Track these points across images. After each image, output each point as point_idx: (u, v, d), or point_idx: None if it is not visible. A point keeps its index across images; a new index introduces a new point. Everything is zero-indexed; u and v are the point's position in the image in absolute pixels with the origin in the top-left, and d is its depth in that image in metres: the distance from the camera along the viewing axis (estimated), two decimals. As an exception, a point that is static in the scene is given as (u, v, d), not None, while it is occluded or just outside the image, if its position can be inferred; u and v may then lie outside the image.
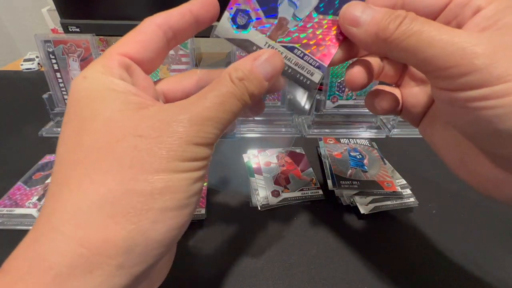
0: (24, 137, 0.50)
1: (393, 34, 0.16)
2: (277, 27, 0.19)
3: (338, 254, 0.32)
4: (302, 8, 0.19)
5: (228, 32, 0.19)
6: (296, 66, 0.19)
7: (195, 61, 0.49)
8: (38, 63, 0.77)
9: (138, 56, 0.17)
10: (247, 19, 0.19)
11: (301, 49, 0.19)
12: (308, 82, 0.20)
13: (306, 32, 0.19)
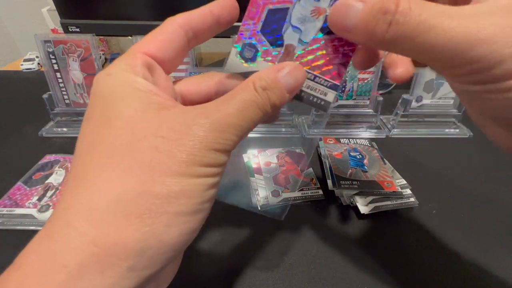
0: (24, 137, 0.50)
1: (384, 39, 0.14)
2: (285, 54, 0.19)
3: (338, 254, 0.32)
4: (307, 32, 0.19)
5: (238, 66, 0.19)
6: (308, 89, 0.19)
7: (195, 61, 0.49)
8: (38, 63, 0.77)
9: (160, 55, 0.17)
10: (254, 52, 0.19)
11: (311, 72, 0.19)
12: (323, 102, 0.20)
13: (314, 54, 0.19)
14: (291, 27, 0.19)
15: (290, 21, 0.19)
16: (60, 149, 0.47)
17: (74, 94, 0.50)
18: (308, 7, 0.18)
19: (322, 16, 0.18)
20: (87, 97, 0.50)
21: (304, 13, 0.18)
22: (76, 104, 0.51)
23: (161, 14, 0.57)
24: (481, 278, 0.30)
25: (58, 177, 0.41)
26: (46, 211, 0.35)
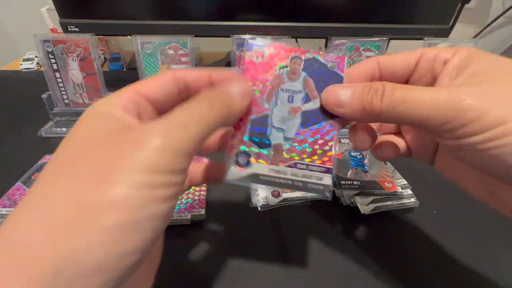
0: (23, 137, 0.50)
1: (381, 107, 0.17)
2: (275, 153, 0.21)
3: (339, 254, 0.32)
4: (290, 129, 0.21)
5: (237, 174, 0.21)
6: (304, 177, 0.21)
7: (195, 61, 0.49)
8: (37, 63, 0.77)
9: (149, 95, 0.19)
10: (247, 157, 0.21)
11: (302, 162, 0.21)
12: (321, 187, 0.21)
13: (301, 145, 0.21)
14: (274, 129, 0.21)
15: (272, 124, 0.21)
16: (60, 149, 0.46)
17: (73, 94, 0.50)
18: (285, 109, 0.21)
19: (298, 113, 0.21)
20: (86, 97, 0.50)
21: (282, 114, 0.21)
22: (75, 104, 0.50)
23: (160, 14, 0.57)
24: (482, 278, 0.30)
25: (57, 177, 0.41)
26: (45, 212, 0.35)
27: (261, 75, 0.21)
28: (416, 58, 0.20)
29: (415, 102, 0.16)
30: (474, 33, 0.87)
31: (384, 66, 0.21)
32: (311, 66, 0.21)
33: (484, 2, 0.84)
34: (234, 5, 0.56)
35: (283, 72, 0.21)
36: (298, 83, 0.21)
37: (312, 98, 0.21)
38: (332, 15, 0.57)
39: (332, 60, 0.21)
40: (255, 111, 0.21)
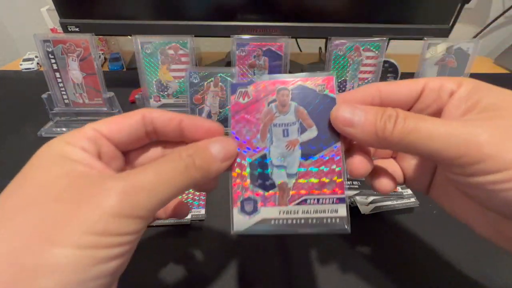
0: (23, 137, 0.50)
1: (393, 134, 0.17)
2: (281, 193, 0.20)
3: (338, 254, 0.32)
4: (291, 165, 0.20)
5: (245, 223, 0.20)
6: (317, 213, 0.20)
7: (195, 61, 0.49)
8: (37, 63, 0.77)
9: (110, 135, 0.18)
10: (253, 203, 0.20)
11: (311, 197, 0.20)
12: (338, 220, 0.20)
13: (307, 179, 0.20)
14: (275, 167, 0.20)
15: (272, 163, 0.20)
16: (60, 149, 0.46)
17: (73, 94, 0.50)
18: (282, 144, 0.20)
19: (297, 146, 0.20)
20: (86, 97, 0.50)
21: (281, 150, 0.20)
22: (75, 104, 0.50)
23: (160, 14, 0.57)
24: (482, 277, 0.30)
25: (57, 177, 0.41)
26: (45, 212, 0.35)
27: (250, 115, 0.20)
28: (420, 87, 0.19)
29: (428, 132, 0.16)
30: (474, 33, 0.87)
31: (386, 94, 0.20)
32: (300, 94, 0.20)
33: (484, 2, 0.84)
34: (234, 5, 0.56)
35: (272, 107, 0.20)
36: (290, 114, 0.20)
37: (307, 127, 0.20)
38: (332, 15, 0.57)
39: (319, 83, 0.20)
40: (251, 154, 0.20)
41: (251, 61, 0.49)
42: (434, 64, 0.50)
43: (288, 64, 0.49)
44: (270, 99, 0.20)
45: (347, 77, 0.50)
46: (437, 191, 0.22)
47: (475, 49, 0.49)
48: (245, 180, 0.20)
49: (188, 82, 0.46)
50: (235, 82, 0.21)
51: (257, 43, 0.48)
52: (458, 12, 0.58)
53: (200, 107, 0.48)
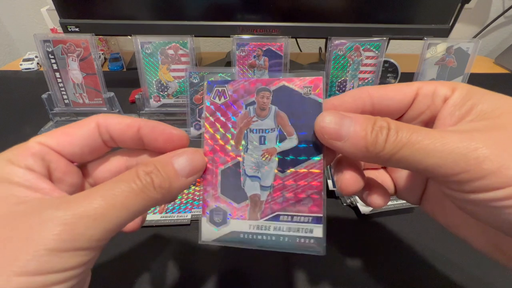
0: (23, 137, 0.49)
1: (384, 148, 0.15)
2: (252, 206, 0.18)
3: (338, 254, 0.32)
4: (266, 176, 0.18)
5: (212, 233, 0.18)
6: (289, 231, 0.18)
7: (195, 61, 0.49)
8: (37, 63, 0.77)
9: (59, 148, 0.17)
10: (223, 214, 0.18)
11: (285, 213, 0.18)
12: (312, 240, 0.18)
13: (282, 193, 0.18)
14: (248, 177, 0.18)
15: (246, 172, 0.18)
16: (60, 149, 0.46)
17: (73, 94, 0.50)
18: (258, 152, 0.18)
19: (274, 156, 0.18)
20: (86, 97, 0.50)
21: (256, 160, 0.18)
22: (75, 104, 0.50)
23: (160, 14, 0.57)
24: (482, 278, 0.30)
25: (57, 177, 0.41)
26: (45, 212, 0.35)
27: (225, 118, 0.18)
28: (413, 92, 0.18)
29: (423, 146, 0.14)
30: (474, 33, 0.87)
31: (377, 99, 0.18)
32: (282, 97, 0.18)
33: (484, 2, 0.84)
34: (234, 5, 0.56)
35: (250, 110, 0.18)
36: (269, 119, 0.18)
37: (287, 135, 0.18)
38: (332, 15, 0.57)
39: (305, 85, 0.18)
40: (223, 161, 0.18)
41: (251, 61, 0.49)
42: (434, 64, 0.50)
43: (288, 64, 0.49)
44: (248, 101, 0.18)
45: (347, 77, 0.50)
46: (430, 203, 0.21)
47: (475, 49, 0.49)
48: (216, 189, 0.18)
49: (188, 82, 0.46)
50: (211, 80, 0.19)
51: (257, 43, 0.48)
52: (458, 12, 0.58)
53: (200, 107, 0.48)
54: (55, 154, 0.16)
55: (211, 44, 0.95)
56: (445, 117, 0.17)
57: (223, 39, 0.94)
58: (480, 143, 0.14)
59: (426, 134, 0.15)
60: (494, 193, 0.13)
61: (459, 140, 0.14)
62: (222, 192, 0.18)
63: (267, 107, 0.18)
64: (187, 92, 0.47)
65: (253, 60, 0.49)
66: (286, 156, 0.18)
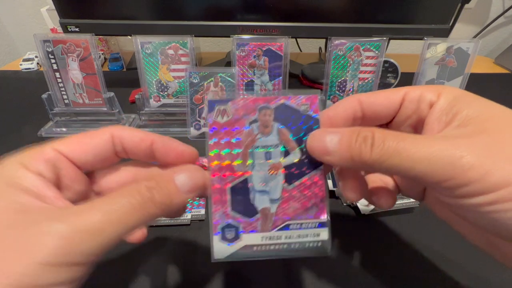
0: (23, 137, 0.50)
1: (371, 157, 0.16)
2: (263, 219, 0.19)
3: (338, 254, 0.32)
4: (274, 190, 0.19)
5: (226, 250, 0.19)
6: (299, 238, 0.19)
7: (195, 61, 0.49)
8: (37, 63, 0.77)
9: (72, 156, 0.17)
10: (235, 230, 0.19)
11: (294, 222, 0.19)
12: (320, 243, 0.19)
13: (289, 204, 0.19)
14: (257, 193, 0.19)
15: (255, 188, 0.19)
16: (60, 149, 0.46)
17: (73, 94, 0.50)
18: (264, 168, 0.19)
19: (279, 170, 0.19)
20: (86, 97, 0.50)
21: (263, 175, 0.19)
22: (75, 104, 0.50)
23: (160, 14, 0.57)
24: (482, 278, 0.30)
25: (57, 177, 0.41)
26: (45, 212, 0.35)
27: (230, 135, 0.19)
28: (400, 97, 0.19)
29: (410, 154, 0.15)
30: (474, 33, 0.87)
31: (367, 106, 0.19)
32: (283, 114, 0.19)
33: (484, 2, 0.84)
34: (234, 5, 0.56)
35: (254, 128, 0.19)
36: (273, 136, 0.19)
37: (290, 150, 0.19)
38: (332, 15, 0.57)
39: (303, 103, 0.19)
40: (232, 178, 0.19)
41: (251, 61, 0.49)
42: (434, 64, 0.50)
43: (288, 64, 0.49)
44: (251, 119, 0.19)
45: (347, 77, 0.50)
46: (431, 199, 0.22)
47: (475, 49, 0.49)
48: (226, 207, 0.19)
49: (188, 82, 0.46)
50: (211, 99, 0.19)
51: (257, 43, 0.48)
52: (458, 12, 0.58)
53: (200, 107, 0.48)
54: (67, 162, 0.17)
55: (211, 44, 0.95)
56: (432, 122, 0.17)
57: (223, 39, 0.94)
58: (465, 151, 0.14)
59: (412, 142, 0.15)
60: (479, 198, 0.14)
61: (445, 148, 0.14)
62: (232, 209, 0.19)
63: (270, 124, 0.19)
64: (187, 92, 0.47)
65: (253, 60, 0.49)
66: (291, 169, 0.19)
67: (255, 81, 0.51)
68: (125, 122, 0.52)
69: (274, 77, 0.50)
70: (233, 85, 0.47)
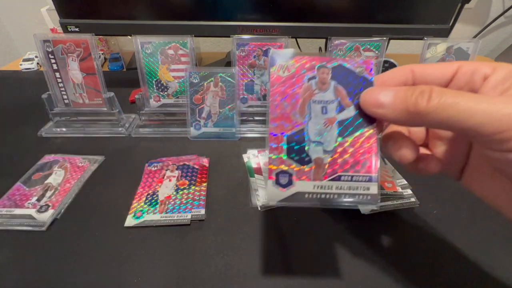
0: (23, 137, 0.50)
1: (427, 108, 0.16)
2: (316, 168, 0.20)
3: (338, 254, 0.32)
4: (328, 142, 0.20)
5: (278, 195, 0.20)
6: (350, 190, 0.20)
7: (195, 61, 0.49)
8: (37, 63, 0.77)
9: None
10: (288, 176, 0.20)
11: (345, 174, 0.20)
12: (369, 197, 0.20)
13: (342, 157, 0.20)
14: (312, 143, 0.20)
15: (310, 138, 0.20)
16: (59, 149, 0.47)
17: (73, 94, 0.49)
18: (320, 121, 0.21)
19: (334, 123, 0.20)
20: (86, 97, 0.50)
21: (318, 127, 0.21)
22: (75, 104, 0.50)
23: (160, 14, 0.57)
24: (482, 278, 0.30)
25: (57, 177, 0.41)
26: (45, 212, 0.35)
27: (290, 89, 0.21)
28: (453, 70, 0.20)
29: (468, 106, 0.15)
30: (474, 33, 0.87)
31: (419, 75, 0.20)
32: (339, 74, 0.21)
33: (484, 2, 0.84)
34: (234, 5, 0.56)
35: (312, 83, 0.21)
36: (329, 92, 0.21)
37: (345, 106, 0.20)
38: (332, 15, 0.57)
39: (359, 65, 0.21)
40: (289, 128, 0.20)
41: (251, 61, 0.49)
42: (434, 64, 0.50)
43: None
44: (310, 76, 0.21)
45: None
46: (470, 176, 0.22)
47: (475, 49, 0.49)
48: (282, 153, 0.20)
49: (188, 82, 0.46)
50: (276, 54, 0.21)
51: (257, 43, 0.48)
52: (458, 12, 0.58)
53: (200, 107, 0.48)
54: None
55: (211, 44, 0.95)
56: (487, 92, 0.18)
57: (223, 39, 0.93)
58: None
59: (470, 96, 0.16)
60: None
61: (503, 102, 0.15)
62: (288, 156, 0.20)
63: (327, 81, 0.21)
64: (187, 92, 0.47)
65: (253, 60, 0.49)
66: (345, 124, 0.20)
67: (255, 81, 0.51)
68: (125, 122, 0.52)
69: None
70: (233, 85, 0.47)
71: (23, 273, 0.29)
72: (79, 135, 0.50)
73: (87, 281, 0.29)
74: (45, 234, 0.33)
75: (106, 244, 0.32)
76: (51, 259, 0.31)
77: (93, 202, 0.38)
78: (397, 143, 0.21)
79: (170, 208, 0.36)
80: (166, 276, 0.30)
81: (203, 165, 0.43)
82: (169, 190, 0.39)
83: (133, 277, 0.29)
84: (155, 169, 0.42)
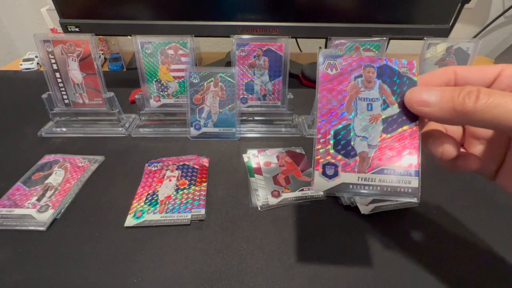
0: (23, 137, 0.50)
1: (475, 107, 0.17)
2: (361, 161, 0.22)
3: (338, 254, 0.32)
4: (373, 137, 0.22)
5: (325, 185, 0.22)
6: (392, 182, 0.21)
7: (195, 61, 0.49)
8: (37, 63, 0.77)
9: None
10: (334, 168, 0.22)
11: (389, 168, 0.21)
12: (410, 190, 0.21)
13: (385, 152, 0.22)
14: (358, 137, 0.22)
15: (356, 133, 0.22)
16: (59, 149, 0.47)
17: (73, 94, 0.50)
18: (366, 117, 0.22)
19: (379, 120, 0.22)
20: (86, 97, 0.50)
21: (364, 123, 0.22)
22: (75, 104, 0.50)
23: (160, 14, 0.57)
24: (482, 278, 0.30)
25: (57, 177, 0.41)
26: (45, 212, 0.35)
27: (337, 86, 0.22)
28: (496, 72, 0.20)
29: None
30: (474, 33, 0.87)
31: (461, 77, 0.21)
32: (384, 73, 0.22)
33: (484, 2, 0.84)
34: (234, 5, 0.56)
35: (358, 82, 0.22)
36: (375, 90, 0.22)
37: (390, 104, 0.22)
38: (332, 15, 0.57)
39: (403, 66, 0.22)
40: (336, 123, 0.22)
41: (251, 61, 0.49)
42: (434, 64, 0.50)
43: (288, 64, 0.49)
44: (356, 74, 0.22)
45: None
46: (506, 176, 0.23)
47: (475, 49, 0.49)
48: (328, 146, 0.22)
49: (188, 82, 0.46)
50: (325, 53, 0.22)
51: (257, 43, 0.48)
52: (458, 12, 0.58)
53: (200, 107, 0.48)
54: None
55: (211, 44, 0.95)
56: None
57: (223, 39, 0.94)
58: None
59: None
60: None
61: None
62: (334, 149, 0.22)
63: (373, 80, 0.22)
64: (187, 92, 0.47)
65: (253, 60, 0.49)
66: (389, 121, 0.22)
67: (255, 81, 0.51)
68: (125, 122, 0.52)
69: (274, 77, 0.50)
70: (233, 85, 0.47)
71: (23, 273, 0.29)
72: (79, 135, 0.50)
73: (87, 281, 0.29)
74: (45, 234, 0.33)
75: (106, 244, 0.32)
76: (51, 259, 0.31)
77: (93, 202, 0.38)
78: (438, 140, 0.21)
79: (170, 208, 0.36)
80: (166, 276, 0.30)
81: (203, 165, 0.43)
82: (169, 190, 0.39)
83: (133, 277, 0.29)
84: (155, 169, 0.42)
